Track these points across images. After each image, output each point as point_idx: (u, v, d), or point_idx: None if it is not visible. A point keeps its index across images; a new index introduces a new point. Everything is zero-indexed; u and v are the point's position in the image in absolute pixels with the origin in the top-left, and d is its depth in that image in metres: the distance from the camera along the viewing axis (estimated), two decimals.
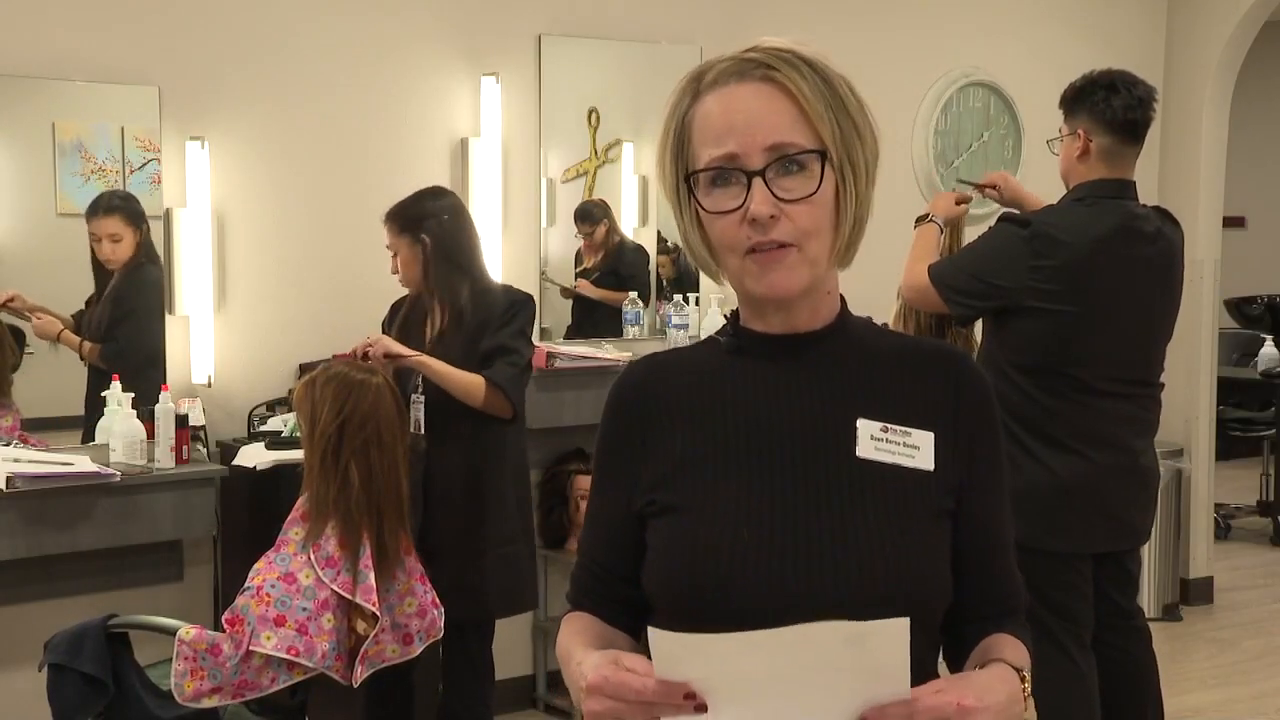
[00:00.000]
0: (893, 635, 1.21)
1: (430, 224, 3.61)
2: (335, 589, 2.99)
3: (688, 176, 1.44)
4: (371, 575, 3.03)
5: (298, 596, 2.95)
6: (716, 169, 1.40)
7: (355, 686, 3.08)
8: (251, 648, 2.89)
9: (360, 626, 3.03)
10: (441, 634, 3.25)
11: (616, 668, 1.28)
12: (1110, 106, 3.34)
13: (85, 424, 4.05)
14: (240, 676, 2.90)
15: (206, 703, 2.90)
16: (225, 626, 2.93)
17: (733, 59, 1.42)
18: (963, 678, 1.38)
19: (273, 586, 2.95)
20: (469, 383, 3.48)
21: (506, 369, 3.51)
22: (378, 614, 3.04)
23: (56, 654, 3.03)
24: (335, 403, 3.07)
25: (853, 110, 1.42)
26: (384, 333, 3.63)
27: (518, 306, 3.62)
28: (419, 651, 3.18)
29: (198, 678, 2.88)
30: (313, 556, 3.00)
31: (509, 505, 3.62)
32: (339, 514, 3.04)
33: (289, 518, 3.11)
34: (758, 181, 1.38)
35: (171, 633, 2.93)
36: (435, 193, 3.71)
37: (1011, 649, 1.46)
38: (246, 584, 2.98)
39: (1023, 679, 1.40)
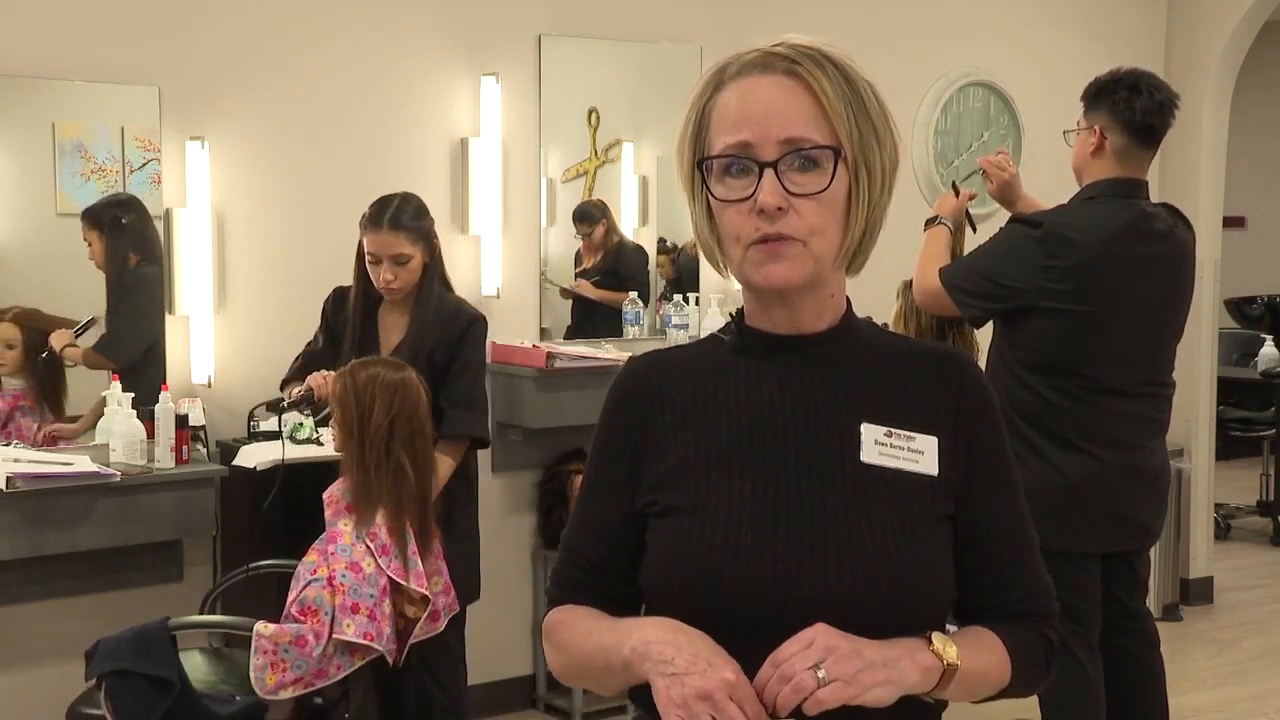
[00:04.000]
0: None
1: (433, 229, 3.65)
2: (391, 575, 3.10)
3: (701, 162, 1.43)
4: (420, 561, 3.15)
5: (365, 584, 3.06)
6: (730, 157, 1.40)
7: (399, 667, 3.17)
8: (335, 636, 2.99)
9: (410, 611, 3.16)
10: (457, 609, 3.30)
11: (731, 690, 1.29)
12: (1131, 108, 3.33)
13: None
14: (319, 665, 3.00)
15: (284, 694, 2.98)
16: (298, 619, 3.00)
17: (758, 52, 1.42)
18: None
19: (343, 576, 3.04)
20: (444, 469, 3.46)
21: (463, 421, 3.53)
22: (429, 597, 3.16)
23: (117, 660, 3.03)
24: (385, 400, 3.18)
25: (874, 115, 1.42)
26: (330, 324, 3.70)
27: (471, 330, 3.63)
28: (444, 627, 3.27)
29: (279, 670, 2.96)
30: (370, 545, 3.10)
31: (470, 502, 3.69)
32: (391, 503, 3.15)
33: (331, 510, 3.18)
34: (768, 172, 1.38)
35: (246, 630, 2.99)
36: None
37: (967, 634, 1.46)
38: (313, 576, 3.04)
39: (929, 642, 1.39)
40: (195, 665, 3.39)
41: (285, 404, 3.63)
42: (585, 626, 1.48)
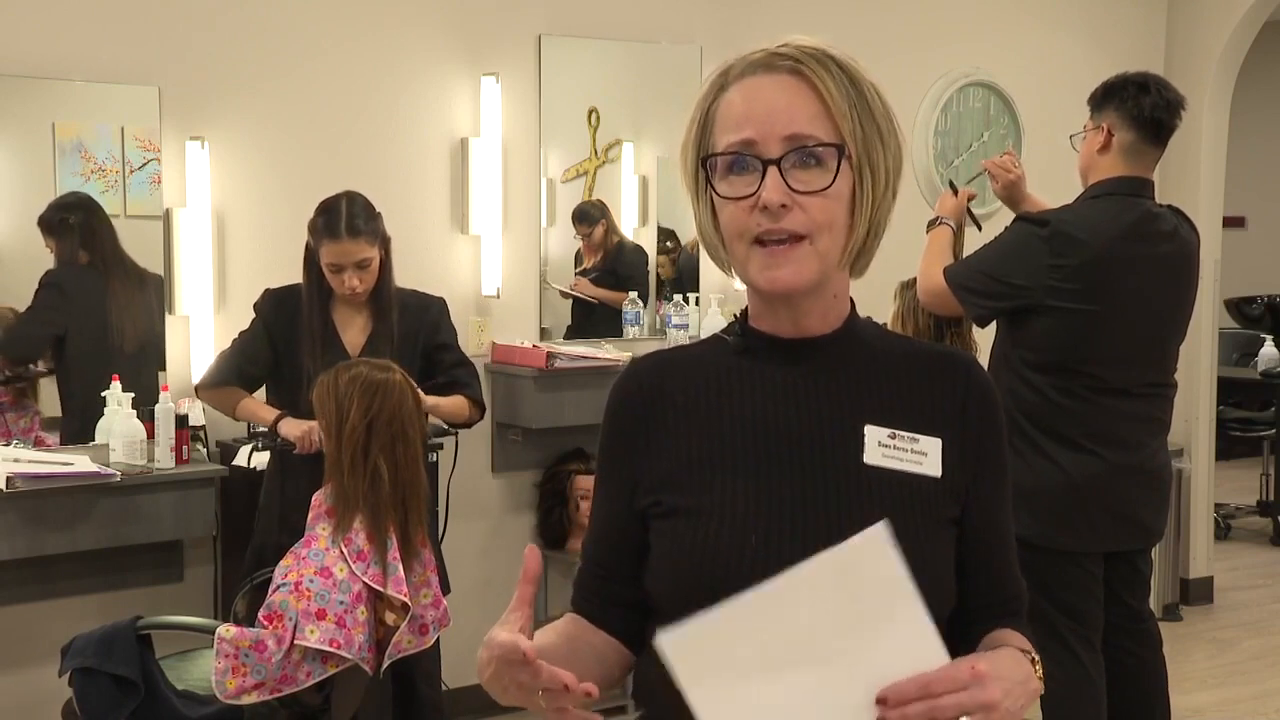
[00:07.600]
0: (875, 543, 1.20)
1: (383, 225, 3.68)
2: (367, 581, 3.05)
3: (704, 160, 1.43)
4: (400, 567, 3.09)
5: (335, 590, 3.00)
6: (734, 154, 1.40)
7: (381, 677, 3.13)
8: (296, 642, 2.94)
9: (389, 618, 3.09)
10: (449, 624, 3.28)
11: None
12: (1140, 104, 3.33)
13: (63, 426, 4.05)
14: (282, 671, 2.95)
15: (246, 700, 2.94)
16: (263, 623, 2.96)
17: (763, 52, 1.43)
18: (974, 655, 1.35)
19: (311, 581, 2.99)
20: (458, 408, 3.72)
21: (474, 381, 3.78)
22: (408, 604, 3.10)
23: (84, 657, 3.03)
24: (363, 402, 3.13)
25: (878, 115, 1.42)
26: (270, 328, 3.67)
27: (444, 310, 3.83)
28: (432, 641, 3.23)
29: (240, 675, 2.92)
30: (345, 550, 3.05)
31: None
32: (367, 508, 3.09)
33: (311, 514, 3.14)
34: (772, 170, 1.38)
35: (208, 632, 2.96)
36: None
37: (1018, 639, 1.46)
38: (281, 580, 3.02)
39: (1033, 662, 1.40)
40: (202, 666, 3.37)
41: (260, 445, 3.66)
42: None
